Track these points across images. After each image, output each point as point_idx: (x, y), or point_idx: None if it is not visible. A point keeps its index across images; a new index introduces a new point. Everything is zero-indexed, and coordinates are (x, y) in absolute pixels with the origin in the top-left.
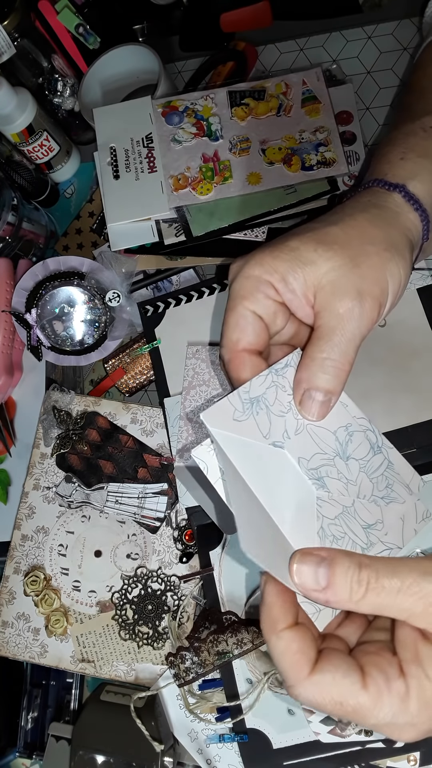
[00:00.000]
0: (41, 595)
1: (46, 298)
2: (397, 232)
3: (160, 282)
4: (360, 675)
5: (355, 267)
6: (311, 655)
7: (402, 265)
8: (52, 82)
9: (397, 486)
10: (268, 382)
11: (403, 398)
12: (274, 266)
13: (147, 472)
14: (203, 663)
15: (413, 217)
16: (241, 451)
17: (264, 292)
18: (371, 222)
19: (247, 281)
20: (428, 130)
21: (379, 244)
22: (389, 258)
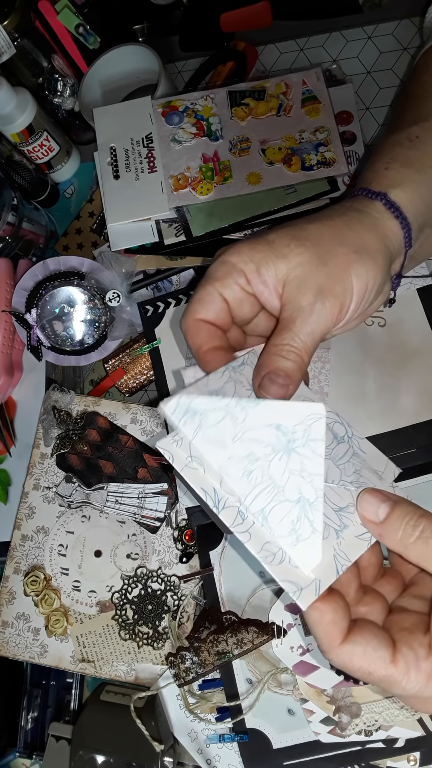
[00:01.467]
0: (41, 595)
1: (46, 298)
2: (372, 237)
3: (160, 282)
4: (391, 650)
5: (322, 264)
6: (343, 626)
7: (371, 269)
8: (52, 82)
9: (366, 472)
10: (225, 377)
11: (403, 398)
12: (251, 256)
13: (147, 472)
14: (203, 663)
15: (393, 225)
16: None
17: (236, 279)
18: (347, 224)
19: (222, 266)
20: (414, 140)
21: (349, 246)
22: (357, 260)
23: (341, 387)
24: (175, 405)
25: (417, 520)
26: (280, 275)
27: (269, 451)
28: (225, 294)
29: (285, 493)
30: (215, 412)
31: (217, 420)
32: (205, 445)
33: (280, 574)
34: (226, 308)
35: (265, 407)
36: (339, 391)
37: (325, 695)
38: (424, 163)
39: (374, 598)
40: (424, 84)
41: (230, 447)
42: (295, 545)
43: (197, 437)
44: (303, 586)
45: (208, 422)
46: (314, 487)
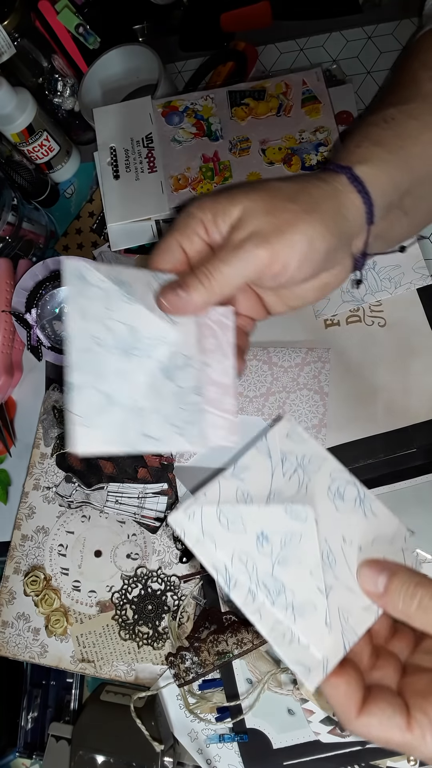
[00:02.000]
0: (41, 595)
1: (46, 298)
2: (328, 203)
3: None
4: (405, 718)
5: (268, 214)
6: (357, 698)
7: (317, 229)
8: (52, 82)
9: (377, 540)
10: (144, 276)
11: (403, 398)
12: (210, 207)
13: (147, 472)
14: (203, 663)
15: (354, 197)
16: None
17: (195, 229)
18: (306, 188)
19: (184, 218)
20: (389, 122)
21: (301, 204)
22: (305, 218)
23: (341, 387)
24: (185, 510)
25: (414, 588)
26: (233, 219)
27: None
28: (184, 245)
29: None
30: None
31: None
32: (218, 526)
33: (290, 656)
34: (184, 258)
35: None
36: (339, 391)
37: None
38: (395, 144)
39: (387, 660)
40: (410, 69)
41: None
42: (304, 626)
43: (209, 516)
44: (311, 667)
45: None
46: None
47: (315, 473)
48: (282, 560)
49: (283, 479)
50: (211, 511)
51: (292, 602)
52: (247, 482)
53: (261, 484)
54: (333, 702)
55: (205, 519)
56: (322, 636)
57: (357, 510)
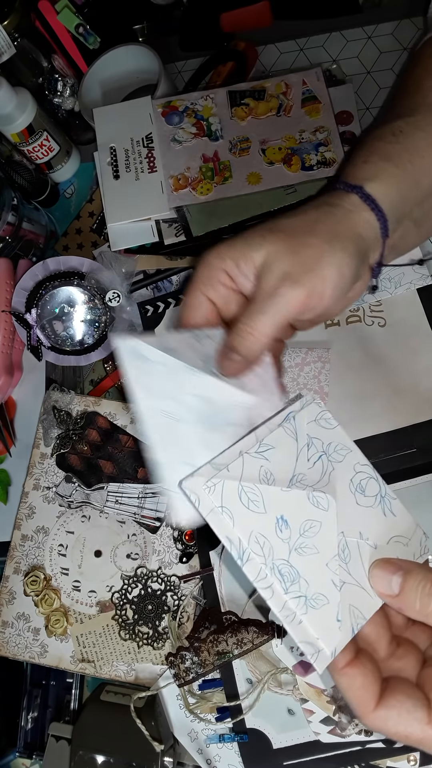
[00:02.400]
0: (41, 595)
1: (46, 298)
2: (344, 228)
3: (160, 282)
4: (426, 711)
5: (292, 254)
6: (375, 689)
7: (343, 257)
8: (52, 82)
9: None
10: (185, 339)
11: (403, 398)
12: (229, 254)
13: (147, 472)
14: (203, 663)
15: (368, 216)
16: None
17: (219, 278)
18: (319, 218)
19: (204, 269)
20: (397, 134)
21: (321, 236)
22: (328, 249)
23: (341, 387)
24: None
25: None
26: (257, 264)
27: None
28: (210, 295)
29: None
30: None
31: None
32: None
33: (299, 635)
34: (213, 309)
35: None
36: (339, 391)
37: (325, 695)
38: (403, 157)
39: (407, 650)
40: (415, 77)
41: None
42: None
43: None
44: (319, 648)
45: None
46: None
47: (339, 463)
48: (300, 548)
49: (307, 464)
50: (232, 486)
51: (305, 593)
52: (271, 462)
53: (285, 465)
54: (348, 694)
55: (226, 494)
56: (331, 631)
57: (377, 507)
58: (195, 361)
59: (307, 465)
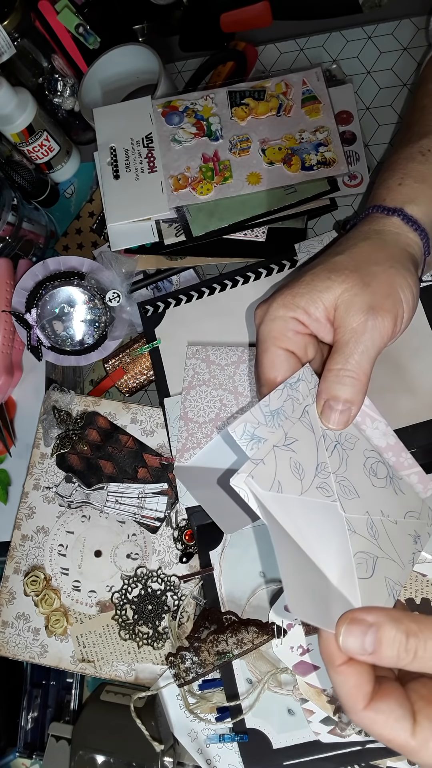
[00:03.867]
0: (41, 595)
1: (46, 298)
2: (398, 250)
3: (160, 282)
4: (411, 722)
5: (366, 286)
6: (367, 690)
7: (409, 278)
8: (52, 82)
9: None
10: (284, 395)
11: (403, 398)
12: (296, 302)
13: (147, 472)
14: (203, 663)
15: (413, 236)
16: (280, 504)
17: (292, 329)
18: (374, 247)
19: (274, 323)
20: (426, 154)
21: (384, 263)
22: (395, 273)
23: None
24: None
25: (407, 643)
26: (329, 306)
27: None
28: (290, 347)
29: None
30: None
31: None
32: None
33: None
34: (296, 360)
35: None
36: None
37: (325, 695)
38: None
39: None
40: (429, 94)
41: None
42: (362, 590)
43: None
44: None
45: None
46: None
47: (351, 450)
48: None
49: (326, 453)
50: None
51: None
52: (298, 453)
53: (309, 456)
54: (340, 691)
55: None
56: (381, 601)
57: (389, 487)
58: (298, 410)
59: (327, 454)
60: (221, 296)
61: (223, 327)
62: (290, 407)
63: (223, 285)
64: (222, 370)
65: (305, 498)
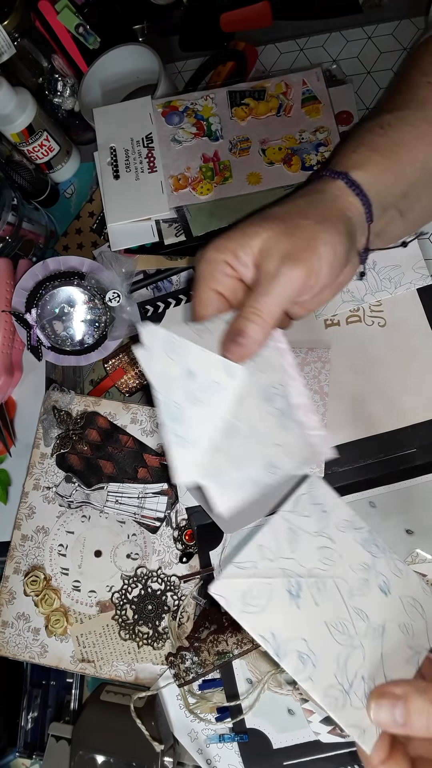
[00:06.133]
0: (41, 595)
1: (46, 298)
2: (333, 210)
3: (160, 282)
4: None
5: (288, 235)
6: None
7: (335, 236)
8: (52, 82)
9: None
10: (196, 329)
11: (403, 398)
12: (226, 246)
13: (147, 472)
14: (203, 663)
15: (353, 200)
16: None
17: (222, 271)
18: (309, 203)
19: (206, 264)
20: (385, 128)
21: (312, 218)
22: (320, 229)
23: (341, 387)
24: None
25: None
26: (255, 251)
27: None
28: (218, 288)
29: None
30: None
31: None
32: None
33: (344, 720)
34: (223, 300)
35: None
36: (339, 391)
37: None
38: (390, 149)
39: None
40: (407, 76)
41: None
42: (352, 687)
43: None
44: (365, 727)
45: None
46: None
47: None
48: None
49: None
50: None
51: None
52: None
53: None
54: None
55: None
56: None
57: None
58: (211, 345)
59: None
60: None
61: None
62: (197, 339)
63: None
64: None
65: None
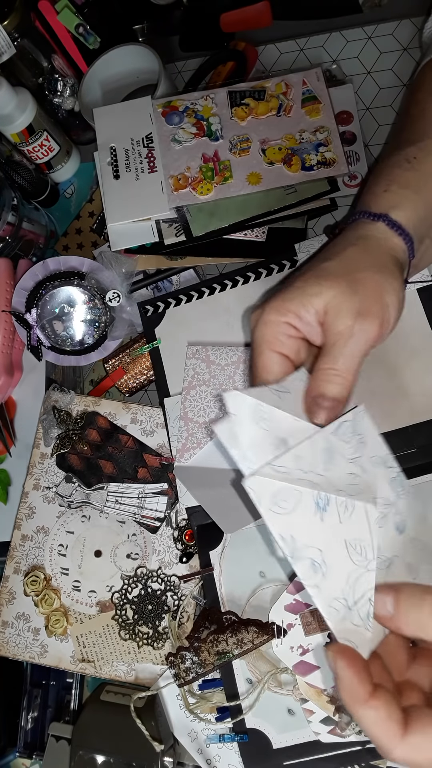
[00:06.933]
0: (41, 595)
1: (46, 298)
2: (384, 255)
3: (160, 282)
4: None
5: (353, 293)
6: (399, 717)
7: (394, 282)
8: (52, 82)
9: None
10: (275, 397)
11: (403, 398)
12: (287, 307)
13: (147, 472)
14: (203, 663)
15: (397, 240)
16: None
17: (284, 332)
18: (360, 252)
19: (267, 327)
20: (412, 161)
21: (370, 269)
22: (382, 279)
23: None
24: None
25: (422, 596)
26: (319, 310)
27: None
28: (282, 351)
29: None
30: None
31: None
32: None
33: (341, 633)
34: (289, 363)
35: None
36: None
37: (325, 695)
38: (419, 183)
39: (411, 688)
40: (418, 102)
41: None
42: (356, 605)
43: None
44: (357, 645)
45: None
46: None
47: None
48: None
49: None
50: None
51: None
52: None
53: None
54: (375, 727)
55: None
56: (371, 616)
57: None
58: (292, 407)
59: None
60: (221, 296)
61: (223, 327)
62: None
63: (223, 285)
64: (222, 370)
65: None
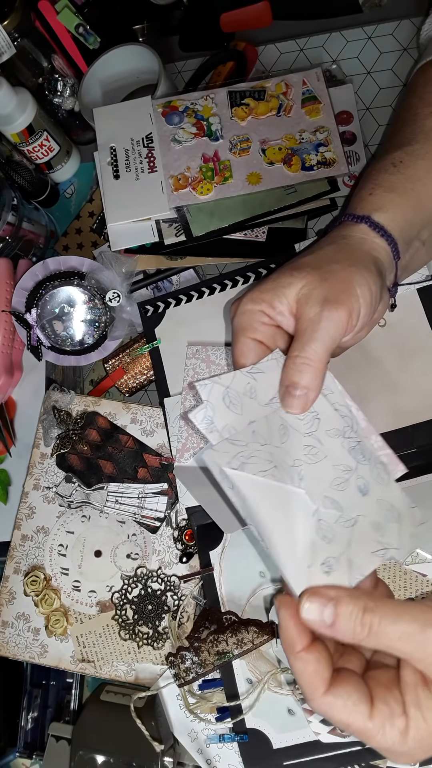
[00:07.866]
0: (41, 595)
1: (46, 298)
2: (362, 253)
3: (160, 282)
4: (369, 706)
5: (324, 281)
6: (326, 675)
7: (368, 277)
8: (52, 82)
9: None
10: (248, 378)
11: (403, 398)
12: (262, 297)
13: (147, 472)
14: (203, 663)
15: (379, 241)
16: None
17: (259, 320)
18: (338, 249)
19: (243, 316)
20: (398, 165)
21: (344, 262)
22: (354, 271)
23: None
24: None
25: (363, 617)
26: (291, 300)
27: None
28: (258, 337)
29: None
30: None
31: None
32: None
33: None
34: (264, 348)
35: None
36: None
37: None
38: (406, 187)
39: (352, 654)
40: (410, 106)
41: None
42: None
43: None
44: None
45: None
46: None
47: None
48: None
49: (297, 442)
50: (219, 390)
51: None
52: (258, 382)
53: (269, 389)
54: (300, 678)
55: (213, 394)
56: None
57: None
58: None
59: (298, 443)
60: (221, 296)
61: (223, 327)
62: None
63: (223, 285)
64: (222, 370)
65: (267, 480)
